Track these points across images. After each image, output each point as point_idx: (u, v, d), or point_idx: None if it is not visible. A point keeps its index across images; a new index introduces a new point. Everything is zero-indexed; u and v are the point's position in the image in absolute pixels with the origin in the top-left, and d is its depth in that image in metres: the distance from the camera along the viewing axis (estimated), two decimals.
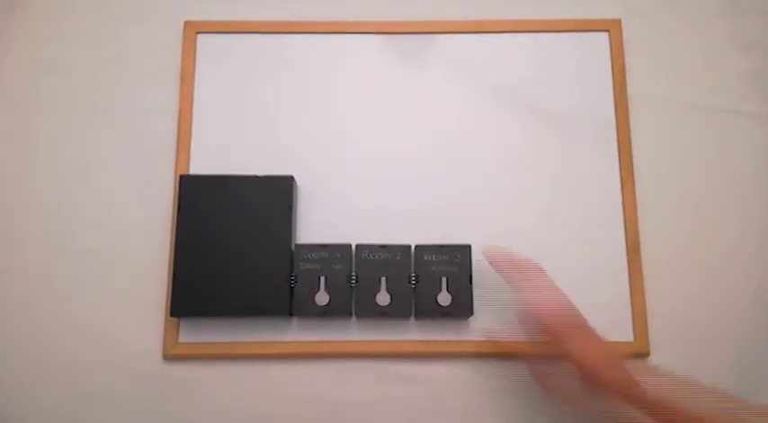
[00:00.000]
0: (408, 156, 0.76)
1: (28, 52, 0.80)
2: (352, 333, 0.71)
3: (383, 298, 0.69)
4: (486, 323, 0.71)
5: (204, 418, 0.70)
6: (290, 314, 0.69)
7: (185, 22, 0.79)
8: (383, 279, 0.69)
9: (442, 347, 0.70)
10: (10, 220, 0.75)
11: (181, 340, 0.70)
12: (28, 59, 0.79)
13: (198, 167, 0.75)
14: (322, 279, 0.69)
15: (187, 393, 0.70)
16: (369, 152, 0.76)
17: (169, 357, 0.70)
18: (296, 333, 0.71)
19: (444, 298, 0.69)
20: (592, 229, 0.74)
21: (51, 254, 0.74)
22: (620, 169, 0.75)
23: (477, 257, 0.70)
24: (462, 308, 0.69)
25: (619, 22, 0.79)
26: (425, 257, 0.70)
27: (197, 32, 0.79)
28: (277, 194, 0.71)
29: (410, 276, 0.70)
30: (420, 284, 0.70)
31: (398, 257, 0.70)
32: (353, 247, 0.71)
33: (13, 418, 0.69)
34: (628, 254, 0.73)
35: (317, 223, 0.73)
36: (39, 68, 0.79)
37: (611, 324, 0.71)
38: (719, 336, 0.72)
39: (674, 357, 0.70)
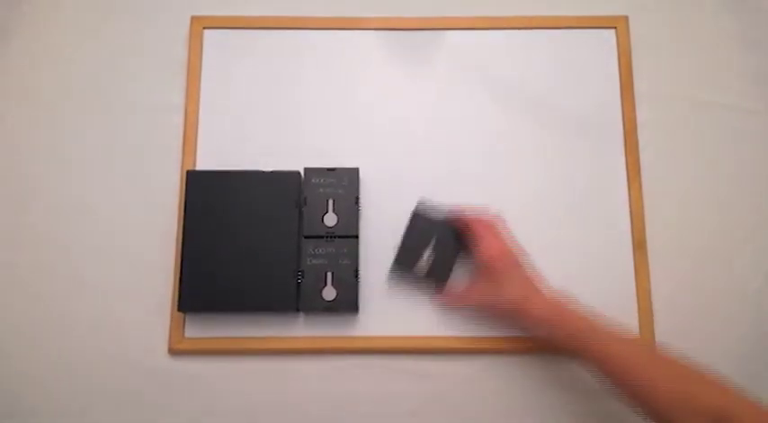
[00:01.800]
0: (414, 152, 0.76)
1: (35, 47, 0.80)
2: (359, 328, 0.71)
3: None
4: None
5: (210, 412, 0.70)
6: (297, 309, 0.69)
7: (192, 18, 0.79)
8: None
9: (449, 343, 0.70)
10: (17, 214, 0.75)
11: (187, 335, 0.71)
12: (35, 54, 0.79)
13: (204, 163, 0.75)
14: (329, 274, 0.69)
15: (193, 388, 0.70)
16: (374, 148, 0.76)
17: (175, 352, 0.70)
18: (302, 328, 0.71)
19: None
20: (598, 225, 0.74)
21: (58, 249, 0.74)
22: (627, 165, 0.75)
23: None
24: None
25: (626, 18, 0.79)
26: None
27: (204, 28, 0.79)
28: (284, 190, 0.71)
29: None
30: None
31: None
32: (360, 241, 0.71)
33: (21, 411, 0.70)
34: (634, 249, 0.73)
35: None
36: (46, 63, 0.79)
37: (617, 320, 0.71)
38: (725, 331, 0.72)
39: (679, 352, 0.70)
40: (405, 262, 0.70)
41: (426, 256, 0.69)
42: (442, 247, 0.70)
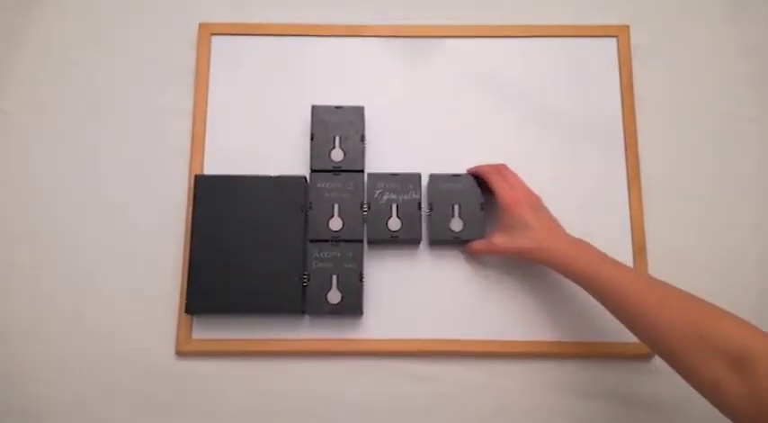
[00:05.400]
0: (417, 158, 0.76)
1: (45, 53, 0.81)
2: (364, 331, 0.72)
3: None
4: (495, 325, 0.72)
5: (216, 413, 0.71)
6: (303, 312, 0.70)
7: (200, 25, 0.80)
8: None
9: (454, 346, 0.71)
10: (26, 217, 0.76)
11: (194, 337, 0.72)
12: (45, 60, 0.80)
13: (212, 167, 0.76)
14: (334, 278, 0.70)
15: (199, 389, 0.71)
16: (378, 154, 0.77)
17: (182, 354, 0.71)
18: (308, 331, 0.72)
19: None
20: (599, 230, 0.74)
21: (67, 251, 0.75)
22: (627, 171, 0.76)
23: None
24: None
25: (627, 28, 0.80)
26: None
27: (212, 34, 0.80)
28: (290, 194, 0.72)
29: None
30: None
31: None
32: (365, 246, 0.72)
33: (29, 412, 0.70)
34: (634, 254, 0.74)
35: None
36: (55, 69, 0.80)
37: (616, 326, 0.71)
38: None
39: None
40: (438, 224, 0.72)
41: (456, 214, 0.72)
42: (469, 203, 0.73)
